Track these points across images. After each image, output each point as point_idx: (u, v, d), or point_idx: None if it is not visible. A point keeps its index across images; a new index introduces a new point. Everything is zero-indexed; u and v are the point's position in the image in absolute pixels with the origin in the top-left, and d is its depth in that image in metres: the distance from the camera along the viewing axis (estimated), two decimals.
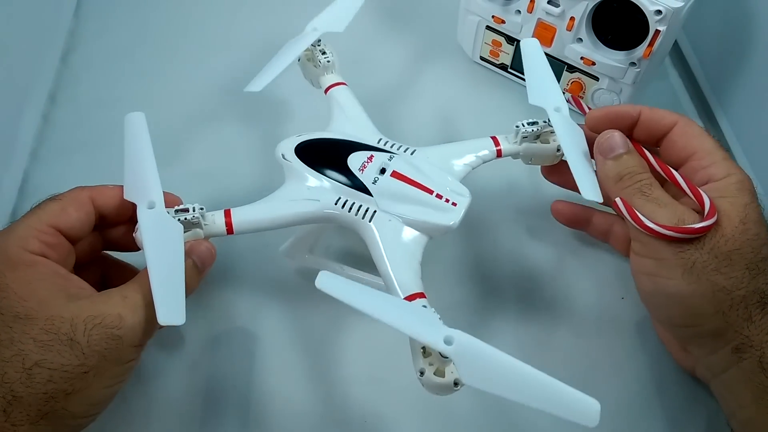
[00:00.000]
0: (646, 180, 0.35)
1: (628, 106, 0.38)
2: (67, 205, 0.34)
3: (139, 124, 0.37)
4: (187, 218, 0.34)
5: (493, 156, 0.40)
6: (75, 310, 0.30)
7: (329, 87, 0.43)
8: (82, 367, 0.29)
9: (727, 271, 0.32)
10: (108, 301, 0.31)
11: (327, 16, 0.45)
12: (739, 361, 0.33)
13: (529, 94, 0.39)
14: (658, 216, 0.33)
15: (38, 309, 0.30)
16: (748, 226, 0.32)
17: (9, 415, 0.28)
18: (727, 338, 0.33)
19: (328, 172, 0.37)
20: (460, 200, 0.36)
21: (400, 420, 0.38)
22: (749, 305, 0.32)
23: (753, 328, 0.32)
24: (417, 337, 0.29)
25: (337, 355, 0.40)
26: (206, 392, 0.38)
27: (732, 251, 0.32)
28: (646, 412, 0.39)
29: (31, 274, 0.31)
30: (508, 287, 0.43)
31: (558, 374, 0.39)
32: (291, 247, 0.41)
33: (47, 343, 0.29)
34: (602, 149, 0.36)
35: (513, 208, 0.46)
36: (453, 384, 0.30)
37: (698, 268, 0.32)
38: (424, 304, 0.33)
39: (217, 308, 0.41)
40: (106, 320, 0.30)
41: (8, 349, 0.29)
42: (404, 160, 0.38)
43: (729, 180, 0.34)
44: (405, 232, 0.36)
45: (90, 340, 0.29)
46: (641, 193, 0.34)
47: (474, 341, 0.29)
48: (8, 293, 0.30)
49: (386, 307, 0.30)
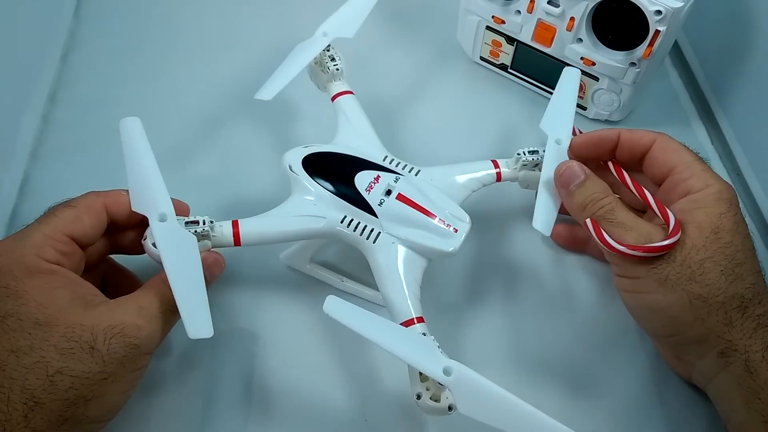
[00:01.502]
0: (608, 205, 0.36)
1: (608, 130, 0.40)
2: (82, 213, 0.34)
3: (136, 130, 0.36)
4: (197, 231, 0.35)
5: (492, 180, 0.42)
6: (94, 318, 0.31)
7: (336, 95, 0.44)
8: (102, 374, 0.30)
9: (702, 279, 0.33)
10: (125, 311, 0.32)
11: (337, 21, 0.45)
12: (726, 365, 0.33)
13: (543, 118, 0.41)
14: (626, 239, 0.34)
15: (58, 316, 0.30)
16: (720, 235, 0.34)
17: (30, 421, 0.29)
18: (711, 344, 0.34)
19: (335, 190, 0.38)
20: (460, 226, 0.38)
21: (401, 418, 0.38)
22: (728, 310, 0.33)
23: (735, 333, 0.33)
24: (418, 366, 0.31)
25: (337, 353, 0.40)
26: (206, 392, 0.38)
27: (704, 260, 0.33)
28: (646, 412, 0.39)
29: (50, 282, 0.32)
30: (508, 287, 0.43)
31: (558, 374, 0.40)
32: (292, 255, 0.42)
33: (69, 351, 0.30)
34: (562, 181, 0.38)
35: (512, 208, 0.46)
36: (447, 408, 0.32)
37: (672, 280, 0.33)
38: (423, 331, 0.34)
39: (216, 308, 0.41)
40: (125, 330, 0.31)
41: (29, 356, 0.29)
42: (409, 183, 0.39)
43: (707, 191, 0.35)
44: (407, 255, 0.37)
45: (110, 349, 0.30)
46: (605, 219, 0.36)
47: (471, 374, 0.31)
48: (27, 300, 0.31)
49: (389, 336, 0.31)
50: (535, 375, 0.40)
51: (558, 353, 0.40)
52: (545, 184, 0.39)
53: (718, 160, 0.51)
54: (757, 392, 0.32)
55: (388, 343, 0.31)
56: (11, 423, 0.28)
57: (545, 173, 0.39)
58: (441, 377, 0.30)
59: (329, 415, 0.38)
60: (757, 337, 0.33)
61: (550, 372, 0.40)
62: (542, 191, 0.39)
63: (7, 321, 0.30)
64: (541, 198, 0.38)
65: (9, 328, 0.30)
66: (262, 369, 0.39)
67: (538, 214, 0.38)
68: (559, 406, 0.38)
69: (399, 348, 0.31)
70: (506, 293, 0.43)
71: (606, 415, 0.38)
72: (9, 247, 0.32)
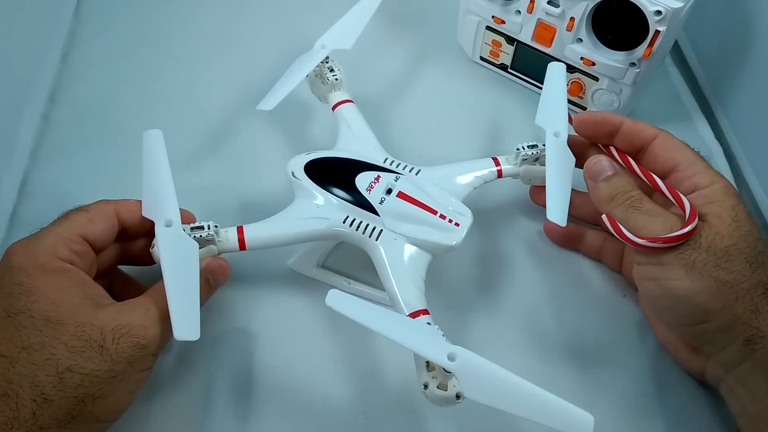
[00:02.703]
0: (636, 196, 0.36)
1: (613, 115, 0.40)
2: (94, 216, 0.35)
3: (157, 142, 0.38)
4: (202, 236, 0.36)
5: (494, 177, 0.42)
6: (103, 318, 0.32)
7: (337, 104, 0.45)
8: (111, 373, 0.31)
9: (728, 266, 0.33)
10: (133, 312, 0.33)
11: (335, 33, 0.46)
12: (752, 352, 0.33)
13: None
14: (652, 225, 0.35)
15: (69, 315, 0.31)
16: (740, 224, 0.34)
17: (38, 419, 0.29)
18: (737, 331, 0.33)
19: (336, 192, 0.39)
20: (462, 220, 0.38)
21: (401, 415, 0.38)
22: (754, 297, 0.33)
23: (761, 320, 0.33)
24: (422, 353, 0.31)
25: (337, 351, 0.40)
26: (206, 392, 0.38)
27: (729, 247, 0.33)
28: (646, 412, 0.38)
29: (62, 280, 0.32)
30: (507, 286, 0.43)
31: (557, 373, 0.40)
32: (299, 260, 0.43)
33: (79, 349, 0.30)
34: (592, 173, 0.38)
35: (511, 207, 0.46)
36: (455, 397, 0.31)
37: (699, 266, 0.33)
38: (428, 321, 0.34)
39: (216, 308, 0.41)
40: (132, 330, 0.32)
41: (39, 353, 0.30)
42: (409, 181, 0.40)
43: (714, 187, 0.36)
44: (410, 251, 0.37)
45: (118, 348, 0.31)
46: (633, 208, 0.36)
47: (476, 357, 0.31)
48: (39, 297, 0.31)
49: (393, 325, 0.32)
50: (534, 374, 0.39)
51: (557, 352, 0.40)
52: (555, 175, 0.39)
53: (719, 159, 0.50)
54: None
55: (391, 332, 0.31)
56: (19, 420, 0.29)
57: (550, 166, 0.39)
58: (446, 363, 0.30)
59: (329, 412, 0.38)
60: None
61: (549, 372, 0.40)
62: (551, 184, 0.39)
63: (19, 317, 0.31)
64: (551, 190, 0.38)
65: (21, 325, 0.30)
66: (262, 368, 0.39)
67: (551, 206, 0.38)
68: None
69: (402, 336, 0.31)
70: (504, 292, 0.43)
71: (606, 415, 0.38)
72: (24, 246, 0.33)
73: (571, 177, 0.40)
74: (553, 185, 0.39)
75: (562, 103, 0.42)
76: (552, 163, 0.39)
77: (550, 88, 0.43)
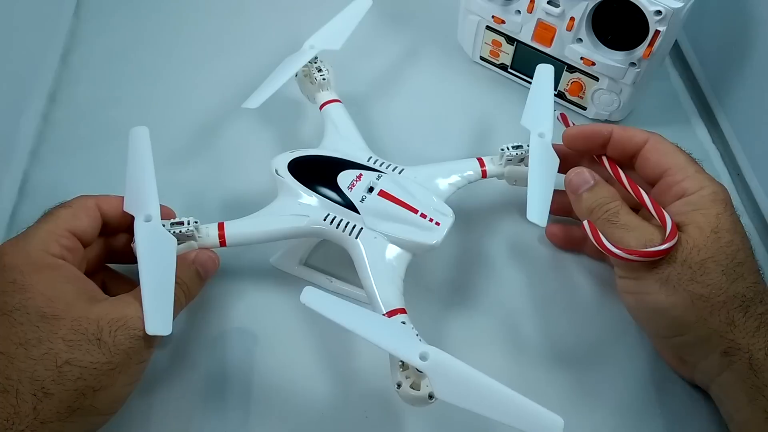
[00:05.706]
0: (613, 209, 0.36)
1: (601, 125, 0.40)
2: (77, 210, 0.36)
3: (143, 139, 0.38)
4: (182, 231, 0.36)
5: (478, 177, 0.42)
6: (99, 312, 0.32)
7: (324, 104, 0.45)
8: (110, 365, 0.31)
9: (703, 280, 0.33)
10: (128, 306, 0.33)
11: (324, 34, 0.46)
12: (730, 364, 0.33)
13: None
14: (627, 239, 0.35)
15: (65, 310, 0.31)
16: (720, 235, 0.34)
17: (39, 413, 0.29)
18: (714, 344, 0.34)
19: (318, 189, 0.39)
20: (443, 220, 0.38)
21: (401, 414, 0.38)
22: (730, 310, 0.33)
23: (737, 332, 0.33)
24: (394, 352, 0.31)
25: (336, 351, 0.40)
26: (205, 392, 0.38)
27: (706, 259, 0.33)
28: (645, 412, 0.38)
29: (55, 276, 0.33)
30: (507, 286, 0.43)
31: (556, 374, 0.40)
32: (281, 258, 0.43)
33: (76, 342, 0.31)
34: (572, 186, 0.38)
35: (496, 208, 0.46)
36: (428, 397, 0.31)
37: (674, 280, 0.34)
38: (403, 320, 0.34)
39: (215, 308, 0.41)
40: (129, 322, 0.32)
41: (37, 348, 0.30)
42: (391, 180, 0.40)
43: (702, 192, 0.36)
44: (389, 250, 0.38)
45: (116, 340, 0.31)
46: (609, 222, 0.36)
47: (448, 358, 0.30)
48: (33, 294, 0.31)
49: (366, 323, 0.31)
50: (532, 374, 0.40)
51: (556, 353, 0.40)
52: (537, 176, 0.39)
53: (719, 159, 0.50)
54: (761, 390, 0.32)
55: (364, 330, 0.31)
56: (20, 415, 0.29)
57: (533, 167, 0.39)
58: (417, 362, 0.30)
59: (330, 412, 0.38)
60: (760, 335, 0.33)
61: (548, 372, 0.40)
62: (532, 184, 0.39)
63: (14, 314, 0.31)
64: (532, 190, 0.38)
65: (17, 322, 0.31)
66: (262, 368, 0.39)
67: (531, 206, 0.38)
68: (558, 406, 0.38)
69: (375, 335, 0.31)
70: (504, 291, 0.43)
71: (605, 415, 0.38)
72: (14, 245, 0.33)
73: (554, 178, 0.40)
74: (534, 186, 0.39)
75: (549, 104, 0.42)
76: (535, 163, 0.39)
77: (537, 90, 0.43)
